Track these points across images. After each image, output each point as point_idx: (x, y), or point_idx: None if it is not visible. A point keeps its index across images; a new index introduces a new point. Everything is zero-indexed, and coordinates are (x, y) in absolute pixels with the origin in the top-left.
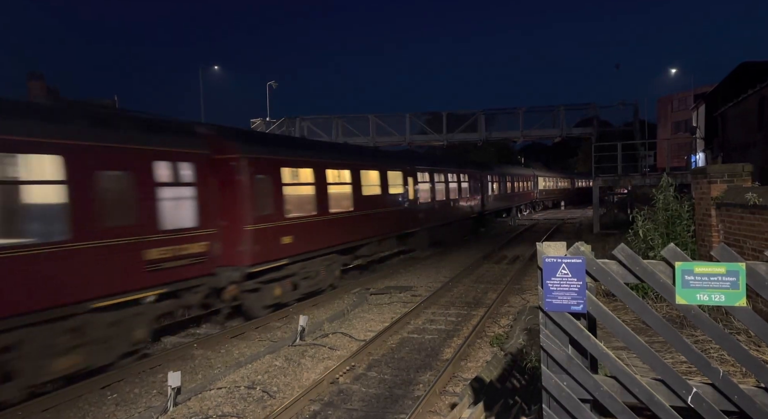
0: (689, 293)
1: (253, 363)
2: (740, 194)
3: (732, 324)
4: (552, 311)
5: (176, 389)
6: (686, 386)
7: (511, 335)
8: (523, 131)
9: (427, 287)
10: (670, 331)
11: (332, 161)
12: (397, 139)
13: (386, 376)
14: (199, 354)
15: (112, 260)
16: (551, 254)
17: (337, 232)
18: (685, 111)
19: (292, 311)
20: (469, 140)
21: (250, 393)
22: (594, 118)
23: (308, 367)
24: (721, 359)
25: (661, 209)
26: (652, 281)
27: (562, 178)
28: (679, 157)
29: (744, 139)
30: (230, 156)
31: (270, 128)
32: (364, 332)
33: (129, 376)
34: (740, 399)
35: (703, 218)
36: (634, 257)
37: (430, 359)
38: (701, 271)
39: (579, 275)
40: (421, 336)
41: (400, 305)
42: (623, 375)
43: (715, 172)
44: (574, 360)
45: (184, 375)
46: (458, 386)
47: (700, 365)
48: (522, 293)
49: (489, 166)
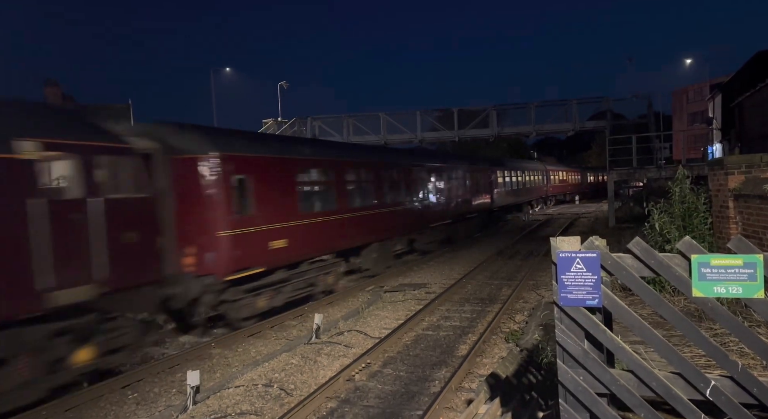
0: (706, 286)
1: (270, 362)
2: (758, 185)
3: (752, 317)
4: (567, 306)
5: (195, 388)
6: (704, 379)
7: (526, 331)
8: (535, 126)
9: (441, 284)
10: (687, 324)
11: (310, 159)
12: (408, 136)
13: (402, 373)
14: (217, 353)
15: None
16: (565, 249)
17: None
18: (701, 102)
19: (308, 310)
20: (481, 136)
21: (267, 391)
22: (607, 111)
23: (324, 365)
24: (740, 352)
25: (678, 202)
26: (668, 275)
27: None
28: (695, 148)
29: (762, 129)
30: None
31: (281, 129)
32: (379, 329)
33: (148, 376)
34: (760, 391)
35: (720, 210)
36: (650, 251)
37: (446, 355)
38: (718, 263)
39: (594, 270)
40: (435, 333)
41: (415, 303)
42: (640, 368)
43: (733, 163)
44: (590, 354)
45: (202, 373)
46: (474, 382)
47: (718, 358)
48: (537, 288)
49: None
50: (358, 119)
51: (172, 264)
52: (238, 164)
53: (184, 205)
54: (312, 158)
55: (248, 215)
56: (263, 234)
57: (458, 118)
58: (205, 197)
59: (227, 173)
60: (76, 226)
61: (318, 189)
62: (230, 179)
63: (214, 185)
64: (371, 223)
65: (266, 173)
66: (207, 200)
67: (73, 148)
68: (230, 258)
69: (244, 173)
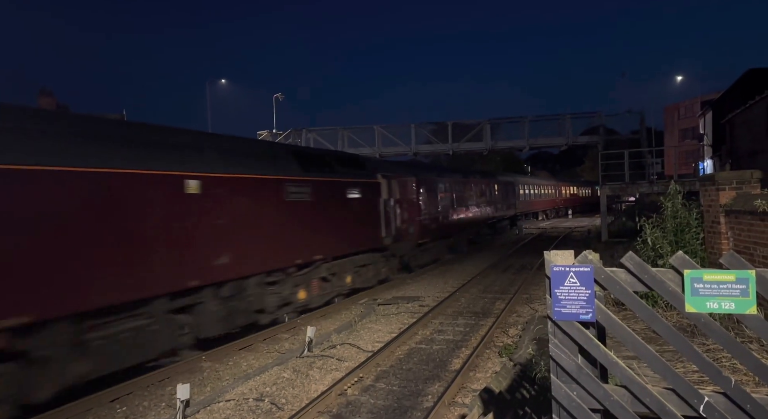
0: (699, 301)
1: (261, 375)
2: (749, 201)
3: (744, 332)
4: (561, 320)
5: (185, 401)
6: (698, 395)
7: (520, 345)
8: (528, 140)
9: (434, 297)
10: (680, 340)
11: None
12: (402, 149)
13: (394, 387)
14: (208, 366)
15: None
16: (559, 263)
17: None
18: (692, 118)
19: (300, 323)
20: (475, 149)
21: (258, 405)
22: (600, 126)
23: (316, 379)
24: (733, 368)
25: (670, 217)
26: (660, 290)
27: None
28: (687, 164)
29: (752, 146)
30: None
31: (277, 140)
32: (372, 343)
33: (137, 389)
34: (753, 408)
35: (712, 225)
36: (643, 265)
37: (439, 369)
38: (710, 279)
39: (587, 284)
40: (429, 347)
41: (408, 316)
42: (634, 384)
43: (724, 179)
44: (583, 369)
45: (192, 387)
46: (467, 397)
47: (711, 374)
48: (530, 302)
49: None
50: (354, 131)
51: (396, 232)
52: (426, 181)
53: (400, 204)
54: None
55: (428, 209)
56: (430, 220)
57: (452, 131)
58: (411, 199)
59: (418, 186)
60: (390, 210)
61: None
62: (420, 189)
63: (415, 193)
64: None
65: (431, 185)
66: (413, 200)
67: (386, 177)
68: (420, 233)
69: (423, 186)
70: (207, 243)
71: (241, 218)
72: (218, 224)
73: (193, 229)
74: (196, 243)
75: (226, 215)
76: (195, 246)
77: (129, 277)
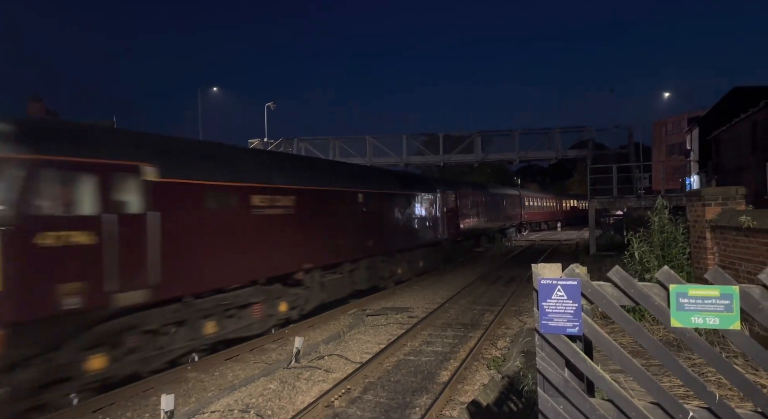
0: (684, 316)
1: (247, 386)
2: (734, 217)
3: (729, 347)
4: (548, 333)
5: (169, 413)
6: (683, 410)
7: (508, 357)
8: (519, 153)
9: (423, 308)
10: (666, 354)
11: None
12: (394, 160)
13: (382, 399)
14: (193, 376)
15: None
16: (547, 276)
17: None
18: (679, 134)
19: (288, 333)
20: (466, 161)
21: (244, 417)
22: (589, 140)
23: (303, 390)
24: (718, 383)
25: (657, 232)
26: (647, 304)
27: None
28: (674, 179)
29: (737, 162)
30: (446, 193)
31: (268, 149)
32: (360, 354)
33: (121, 399)
34: None
35: (698, 240)
36: (629, 280)
37: (427, 382)
38: (695, 294)
39: (575, 298)
40: (417, 358)
41: (397, 327)
42: (619, 398)
43: (710, 195)
44: (570, 383)
45: (177, 398)
46: (455, 409)
47: (696, 388)
48: (519, 314)
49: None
50: (345, 141)
51: (445, 232)
52: (460, 195)
53: (447, 211)
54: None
55: (462, 215)
56: (463, 224)
57: (443, 143)
58: (452, 207)
59: (456, 199)
60: (443, 215)
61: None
62: (458, 202)
63: (455, 203)
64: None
65: (467, 197)
66: (453, 209)
67: (442, 191)
68: (457, 233)
69: (460, 198)
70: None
71: (385, 215)
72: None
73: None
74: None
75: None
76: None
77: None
